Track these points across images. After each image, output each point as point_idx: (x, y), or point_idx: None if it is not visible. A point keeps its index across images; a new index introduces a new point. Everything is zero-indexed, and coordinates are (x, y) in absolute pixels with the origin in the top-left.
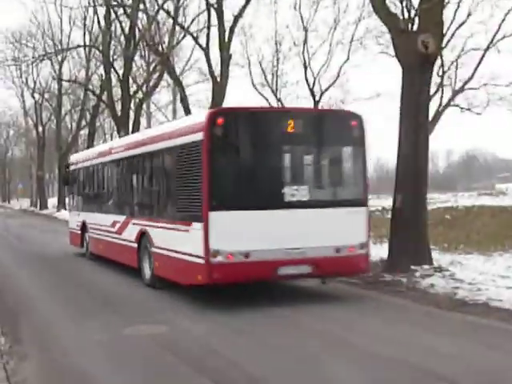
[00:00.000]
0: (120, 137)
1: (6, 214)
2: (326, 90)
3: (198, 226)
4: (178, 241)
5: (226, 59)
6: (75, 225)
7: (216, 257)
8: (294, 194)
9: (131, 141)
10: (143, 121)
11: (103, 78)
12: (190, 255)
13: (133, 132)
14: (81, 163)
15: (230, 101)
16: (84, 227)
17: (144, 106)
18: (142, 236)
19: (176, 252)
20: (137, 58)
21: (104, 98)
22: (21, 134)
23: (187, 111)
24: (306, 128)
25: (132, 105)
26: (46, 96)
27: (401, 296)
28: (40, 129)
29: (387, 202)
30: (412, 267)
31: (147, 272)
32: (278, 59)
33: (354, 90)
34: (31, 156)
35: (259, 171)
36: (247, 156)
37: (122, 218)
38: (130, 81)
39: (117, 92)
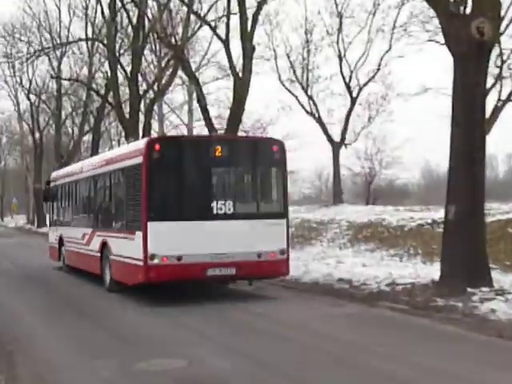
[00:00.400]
0: (128, 143)
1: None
2: (365, 84)
3: (139, 235)
4: (127, 248)
5: (248, 51)
6: (54, 239)
7: (153, 259)
8: (220, 208)
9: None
10: (155, 124)
11: (108, 75)
12: (134, 259)
13: (143, 137)
14: (58, 180)
15: (254, 100)
16: (61, 241)
17: (155, 107)
18: (104, 246)
19: (125, 257)
20: (146, 52)
21: (110, 98)
22: (15, 141)
23: (205, 112)
24: (230, 153)
25: (142, 106)
26: (44, 97)
27: (455, 323)
28: (37, 135)
29: (438, 214)
30: (468, 290)
31: (107, 278)
32: (308, 51)
33: (397, 84)
34: (27, 166)
35: (191, 189)
36: (180, 176)
37: (89, 231)
38: (140, 78)
39: (124, 92)
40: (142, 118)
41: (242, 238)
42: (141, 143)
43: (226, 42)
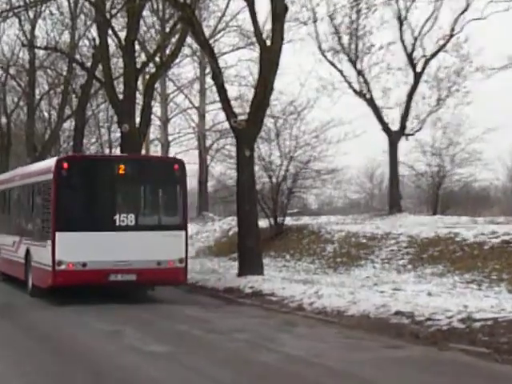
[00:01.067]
0: (121, 131)
1: None
2: (433, 55)
3: (49, 243)
4: (42, 255)
5: (279, 12)
6: None
7: (60, 265)
8: (123, 220)
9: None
10: (157, 108)
11: (96, 43)
12: (46, 265)
13: (140, 125)
14: (4, 184)
15: (287, 76)
16: None
17: (157, 84)
18: (28, 253)
19: (40, 264)
20: (146, 13)
21: (98, 73)
22: None
23: (222, 92)
24: (133, 171)
25: (140, 83)
26: (12, 71)
27: None
28: (3, 120)
29: None
30: None
31: (29, 283)
32: (358, 11)
33: (476, 55)
34: None
35: (96, 203)
36: (87, 192)
37: (17, 239)
38: (137, 47)
39: (117, 65)
40: (140, 99)
41: (142, 247)
42: (52, 161)
43: (249, 0)
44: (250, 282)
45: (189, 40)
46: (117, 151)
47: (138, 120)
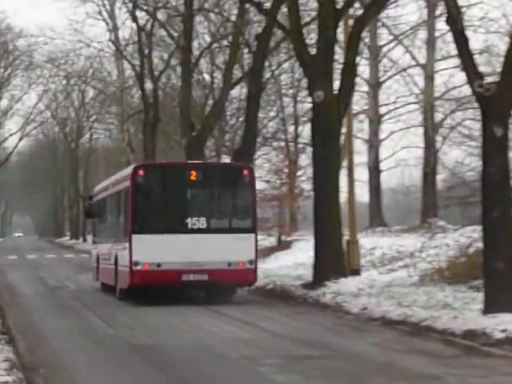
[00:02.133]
0: (313, 100)
1: (29, 245)
2: None
3: (127, 245)
4: (123, 257)
5: None
6: (94, 258)
7: (136, 266)
8: (194, 223)
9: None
10: (364, 68)
11: None
12: (125, 266)
13: (340, 92)
14: (98, 195)
15: None
16: (98, 259)
17: (366, 33)
18: (116, 258)
19: (122, 266)
20: None
21: (281, 18)
22: (109, 98)
23: (461, 42)
24: (204, 176)
25: (340, 31)
26: (161, 16)
27: None
28: (148, 86)
29: None
30: None
31: (117, 287)
32: None
33: None
34: (129, 143)
35: (169, 207)
36: (161, 196)
37: (110, 246)
38: None
39: (307, 5)
40: (339, 54)
41: (213, 248)
42: (129, 169)
43: None
44: (502, 324)
45: None
46: (305, 129)
47: (336, 85)
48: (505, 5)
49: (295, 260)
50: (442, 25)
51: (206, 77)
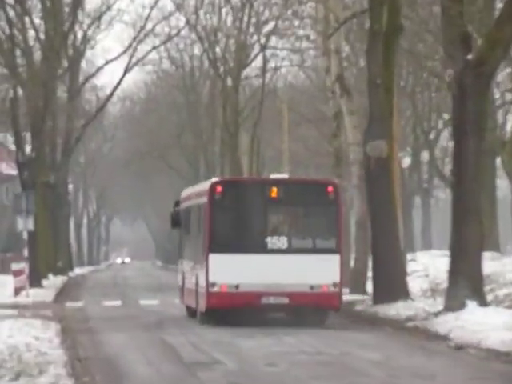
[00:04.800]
0: None
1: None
2: None
3: (204, 265)
4: (201, 278)
5: None
6: (180, 276)
7: (213, 287)
8: (274, 243)
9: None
10: None
11: None
12: (202, 287)
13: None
14: (185, 202)
15: None
16: (183, 278)
17: None
18: (197, 278)
19: (199, 286)
20: None
21: None
22: None
23: None
24: (286, 193)
25: None
26: None
27: None
28: None
29: None
30: None
31: (198, 310)
32: None
33: None
34: None
35: (248, 225)
36: (239, 214)
37: (192, 263)
38: None
39: None
40: None
41: (294, 270)
42: (206, 184)
43: None
44: None
45: None
46: None
47: None
48: None
49: None
50: None
51: None
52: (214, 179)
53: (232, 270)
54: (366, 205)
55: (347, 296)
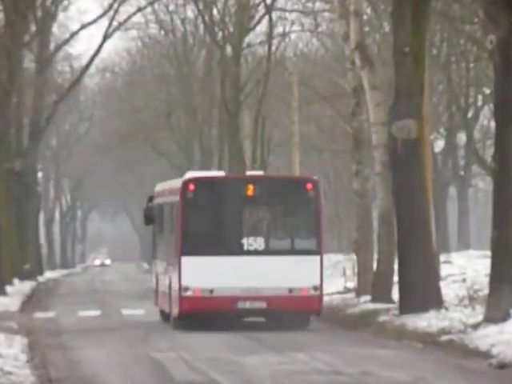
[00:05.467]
0: None
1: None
2: None
3: (177, 268)
4: (173, 281)
5: None
6: (154, 278)
7: (186, 291)
8: (251, 244)
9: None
10: None
11: None
12: (174, 291)
13: None
14: (158, 197)
15: None
16: (157, 280)
17: None
18: (170, 280)
19: (172, 290)
20: None
21: None
22: None
23: None
24: (263, 191)
25: None
26: None
27: None
28: None
29: None
30: None
31: (172, 314)
32: None
33: None
34: None
35: (223, 225)
36: (213, 213)
37: (164, 264)
38: None
39: None
40: None
41: (272, 272)
42: (178, 182)
43: None
44: None
45: None
46: None
47: None
48: None
49: None
50: None
51: None
52: (187, 176)
53: (206, 274)
54: (391, 196)
55: (369, 304)
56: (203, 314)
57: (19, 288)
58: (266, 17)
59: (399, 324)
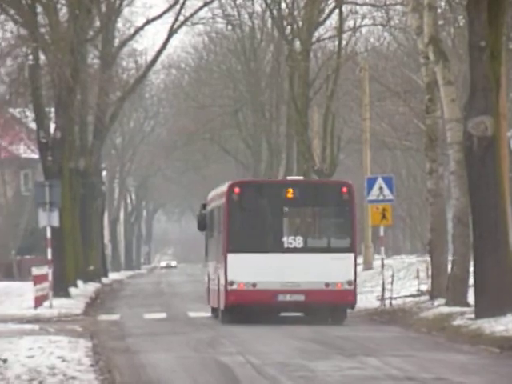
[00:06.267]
0: None
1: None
2: None
3: (222, 265)
4: (221, 277)
5: None
6: (206, 278)
7: (232, 285)
8: (290, 242)
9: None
10: None
11: None
12: (222, 285)
13: None
14: (210, 204)
15: None
16: (209, 280)
17: None
18: (218, 278)
19: (220, 285)
20: None
21: None
22: None
23: None
24: (302, 194)
25: None
26: None
27: None
28: None
29: None
30: None
31: (220, 309)
32: None
33: None
34: None
35: (265, 225)
36: (256, 214)
37: (214, 264)
38: None
39: None
40: None
41: (310, 268)
42: (224, 186)
43: None
44: None
45: None
46: None
47: None
48: None
49: None
50: None
51: None
52: (232, 181)
53: (250, 269)
54: (467, 195)
55: (443, 308)
56: (247, 306)
57: (83, 290)
58: (337, 10)
59: (475, 328)
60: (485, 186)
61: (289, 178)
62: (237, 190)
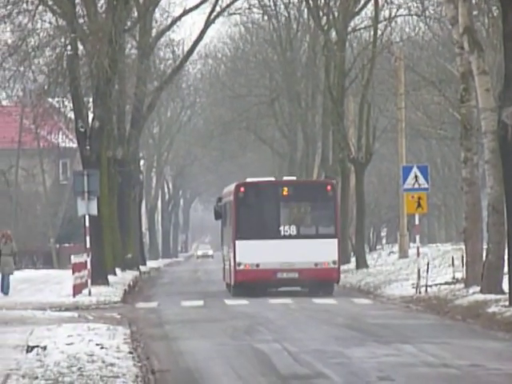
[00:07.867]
0: None
1: None
2: None
3: (232, 249)
4: (231, 259)
5: None
6: (222, 260)
7: (239, 266)
8: (286, 231)
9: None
10: None
11: None
12: (232, 266)
13: None
14: (224, 198)
15: None
16: (224, 261)
17: None
18: (229, 260)
19: (230, 266)
20: None
21: None
22: None
23: None
24: (294, 191)
25: None
26: None
27: None
28: None
29: None
30: None
31: (231, 284)
32: None
33: None
34: None
35: (265, 217)
36: (259, 208)
37: (227, 248)
38: None
39: None
40: None
41: (302, 251)
42: (232, 186)
43: None
44: None
45: None
46: None
47: None
48: None
49: None
50: None
51: None
52: (238, 182)
53: (254, 253)
54: (502, 184)
55: (478, 295)
56: (252, 282)
57: (121, 278)
58: (372, 0)
59: (509, 315)
60: None
61: (284, 178)
62: (242, 189)
